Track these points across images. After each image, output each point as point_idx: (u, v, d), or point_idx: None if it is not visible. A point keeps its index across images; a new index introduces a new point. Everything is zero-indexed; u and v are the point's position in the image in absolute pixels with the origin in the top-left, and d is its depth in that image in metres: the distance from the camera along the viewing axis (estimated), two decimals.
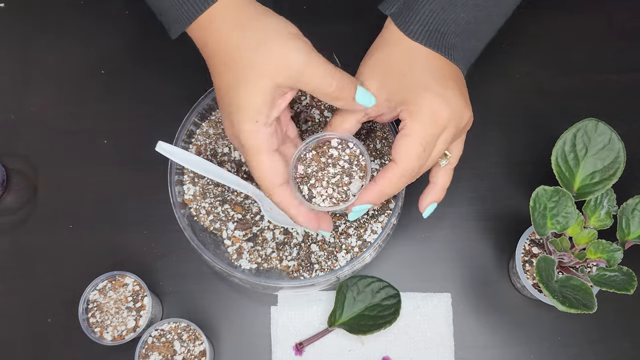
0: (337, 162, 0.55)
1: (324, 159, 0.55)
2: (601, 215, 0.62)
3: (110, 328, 0.64)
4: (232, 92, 0.51)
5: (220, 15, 0.52)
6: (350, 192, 0.54)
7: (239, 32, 0.51)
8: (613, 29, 0.78)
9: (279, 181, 0.52)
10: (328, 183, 0.54)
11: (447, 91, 0.53)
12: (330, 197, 0.54)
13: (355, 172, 0.55)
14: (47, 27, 0.78)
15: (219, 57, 0.52)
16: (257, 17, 0.52)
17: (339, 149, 0.55)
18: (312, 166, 0.54)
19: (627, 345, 0.68)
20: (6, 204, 0.72)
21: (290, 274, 0.64)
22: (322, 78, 0.51)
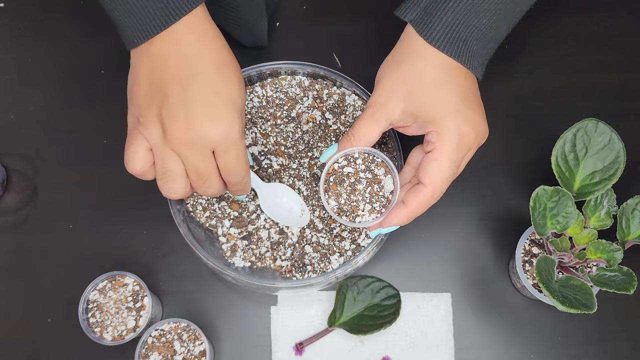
0: (358, 177, 0.57)
1: (346, 182, 0.57)
2: (601, 215, 0.62)
3: (110, 328, 0.64)
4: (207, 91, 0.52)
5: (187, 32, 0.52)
6: (386, 193, 0.57)
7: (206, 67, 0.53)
8: (613, 28, 0.78)
9: None
10: (364, 200, 0.56)
11: (473, 113, 0.54)
12: (373, 210, 0.56)
13: (378, 174, 0.57)
14: (47, 27, 0.78)
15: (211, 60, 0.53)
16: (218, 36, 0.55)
17: (350, 164, 0.57)
18: (342, 194, 0.56)
19: (627, 345, 0.68)
20: (6, 204, 0.72)
21: (283, 274, 0.64)
22: None
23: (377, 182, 0.57)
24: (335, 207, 0.57)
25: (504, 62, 0.77)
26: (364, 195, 0.56)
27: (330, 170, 0.57)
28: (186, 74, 0.52)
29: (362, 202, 0.56)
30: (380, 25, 0.79)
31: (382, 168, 0.57)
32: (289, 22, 0.78)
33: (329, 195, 0.57)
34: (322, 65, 0.67)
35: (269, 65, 0.67)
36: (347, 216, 0.57)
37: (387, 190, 0.57)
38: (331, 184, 0.57)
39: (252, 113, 0.68)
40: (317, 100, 0.68)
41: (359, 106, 0.68)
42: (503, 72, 0.77)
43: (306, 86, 0.69)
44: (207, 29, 0.53)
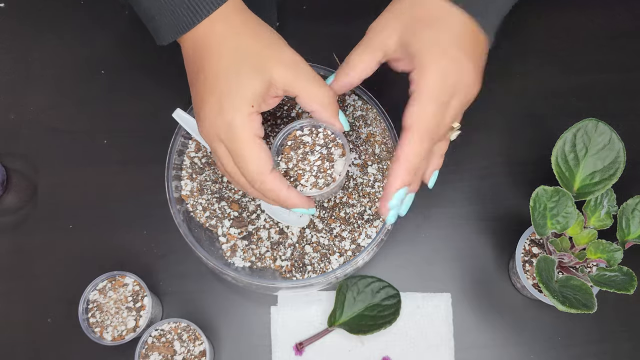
0: (314, 149, 0.56)
1: (301, 149, 0.56)
2: (601, 215, 0.62)
3: (110, 328, 0.64)
4: (230, 76, 0.51)
5: (228, 14, 0.53)
6: (335, 173, 0.56)
7: (247, 29, 0.53)
8: (613, 28, 0.78)
9: (269, 167, 0.52)
10: (311, 171, 0.56)
11: (465, 58, 0.51)
12: (315, 184, 0.56)
13: (334, 153, 0.56)
14: (47, 27, 0.78)
15: (221, 46, 0.52)
16: (259, 22, 0.54)
17: (311, 135, 0.57)
18: (293, 159, 0.56)
19: (627, 345, 0.68)
20: (6, 204, 0.72)
21: (283, 274, 0.64)
22: (317, 83, 0.53)
23: (330, 160, 0.56)
24: (283, 170, 0.56)
25: (504, 62, 0.77)
26: (312, 167, 0.56)
27: (291, 135, 0.57)
28: (205, 66, 0.52)
29: (308, 173, 0.56)
30: None
31: (339, 149, 0.57)
32: (289, 22, 0.78)
33: (280, 157, 0.57)
34: (322, 65, 0.67)
35: None
36: (290, 182, 0.56)
37: (337, 171, 0.56)
38: (286, 147, 0.57)
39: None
40: None
41: (359, 106, 0.68)
42: (503, 72, 0.77)
43: None
44: (242, 21, 0.53)
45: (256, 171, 0.51)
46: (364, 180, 0.66)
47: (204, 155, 0.67)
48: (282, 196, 0.53)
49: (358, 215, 0.65)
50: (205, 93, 0.52)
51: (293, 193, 0.54)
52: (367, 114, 0.68)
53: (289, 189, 0.53)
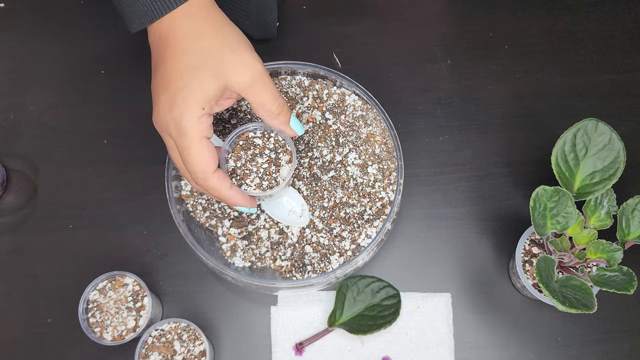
0: (263, 152, 0.58)
1: (251, 150, 0.58)
2: (601, 215, 0.62)
3: (110, 328, 0.64)
4: (186, 77, 0.52)
5: (194, 10, 0.53)
6: (280, 178, 0.58)
7: (212, 29, 0.54)
8: (613, 28, 0.78)
9: (213, 167, 0.54)
10: (257, 173, 0.58)
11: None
12: (259, 185, 0.57)
13: (281, 159, 0.58)
14: (46, 27, 0.78)
15: (183, 43, 0.53)
16: (225, 22, 0.55)
17: (263, 138, 0.59)
18: (242, 159, 0.58)
19: (627, 346, 0.68)
20: (6, 204, 0.72)
21: (283, 274, 0.64)
22: (271, 93, 0.54)
23: (276, 164, 0.58)
24: (231, 168, 0.58)
25: (504, 62, 0.77)
26: (259, 169, 0.58)
27: (244, 136, 0.59)
28: (166, 62, 0.54)
29: (254, 174, 0.58)
30: (380, 25, 0.79)
31: (287, 156, 0.59)
32: (289, 22, 0.78)
33: (230, 155, 0.58)
34: (322, 65, 0.67)
35: (269, 65, 0.67)
36: (236, 180, 0.58)
37: (281, 176, 0.58)
38: (237, 146, 0.59)
39: (252, 113, 0.68)
40: (317, 100, 0.68)
41: (359, 106, 0.68)
42: (503, 72, 0.77)
43: (306, 86, 0.69)
44: (208, 20, 0.54)
45: (200, 170, 0.53)
46: (364, 180, 0.66)
47: None
48: (224, 195, 0.55)
49: (358, 215, 0.65)
50: (162, 88, 0.53)
51: (235, 192, 0.56)
52: (367, 114, 0.68)
53: (232, 188, 0.55)
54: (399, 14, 0.80)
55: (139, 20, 0.54)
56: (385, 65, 0.77)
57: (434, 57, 0.77)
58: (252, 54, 0.54)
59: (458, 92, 0.76)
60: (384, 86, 0.76)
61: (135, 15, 0.54)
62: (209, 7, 0.55)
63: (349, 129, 0.67)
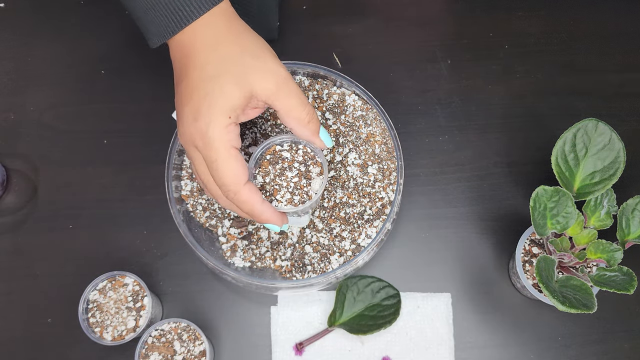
0: (292, 165, 0.56)
1: (279, 164, 0.56)
2: (601, 215, 0.62)
3: (110, 328, 0.64)
4: (209, 86, 0.50)
5: (214, 20, 0.52)
6: (312, 191, 0.56)
7: (232, 37, 0.52)
8: (613, 28, 0.78)
9: (244, 179, 0.51)
10: (287, 187, 0.55)
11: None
12: (291, 200, 0.55)
13: (312, 171, 0.56)
14: (47, 27, 0.78)
15: (203, 53, 0.52)
16: (245, 29, 0.54)
17: (291, 151, 0.56)
18: (270, 174, 0.56)
19: (627, 346, 0.68)
20: (6, 204, 0.72)
21: (283, 274, 0.64)
22: (300, 100, 0.52)
23: (307, 177, 0.56)
24: (259, 184, 0.56)
25: (504, 62, 0.77)
26: (289, 183, 0.56)
27: (270, 150, 0.57)
28: (188, 73, 0.52)
29: (285, 189, 0.56)
30: (380, 25, 0.79)
31: (317, 168, 0.57)
32: (289, 22, 0.78)
33: (258, 171, 0.56)
34: (322, 65, 0.67)
35: None
36: (266, 196, 0.56)
37: (313, 189, 0.56)
38: (264, 161, 0.56)
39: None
40: (317, 100, 0.68)
41: (359, 106, 0.68)
42: (503, 72, 0.77)
43: (306, 86, 0.69)
44: (228, 28, 0.53)
45: (231, 182, 0.51)
46: (364, 180, 0.66)
47: None
48: (257, 209, 0.52)
49: (358, 215, 0.65)
50: (186, 99, 0.52)
51: (266, 207, 0.53)
52: (367, 114, 0.68)
53: (263, 203, 0.53)
54: (399, 14, 0.80)
55: (161, 34, 0.53)
56: (385, 65, 0.77)
57: (434, 57, 0.77)
58: (275, 60, 0.52)
59: (458, 92, 0.76)
60: (384, 86, 0.76)
61: (156, 29, 0.53)
62: (230, 16, 0.53)
63: (349, 129, 0.67)
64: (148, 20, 0.53)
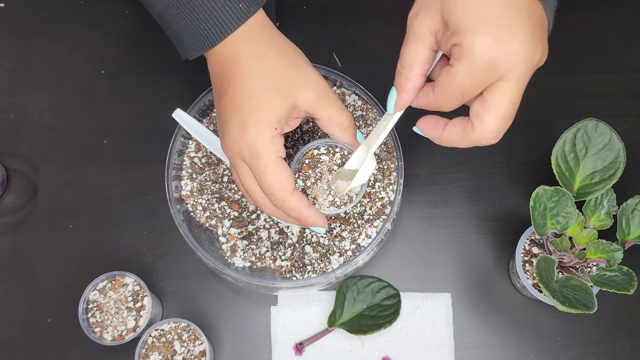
0: (331, 168, 0.57)
1: (319, 168, 0.58)
2: (601, 215, 0.62)
3: (110, 328, 0.64)
4: (254, 100, 0.52)
5: (252, 32, 0.53)
6: (352, 193, 0.57)
7: (276, 48, 0.53)
8: (613, 28, 0.78)
9: (292, 187, 0.53)
10: (329, 190, 0.57)
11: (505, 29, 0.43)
12: (333, 202, 0.57)
13: None
14: (47, 27, 0.78)
15: (247, 65, 0.52)
16: (283, 40, 0.55)
17: (329, 154, 0.58)
18: (311, 177, 0.57)
19: (627, 345, 0.68)
20: (6, 204, 0.72)
21: (283, 274, 0.64)
22: (338, 107, 0.54)
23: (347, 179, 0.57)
24: (300, 188, 0.58)
25: None
26: (330, 187, 0.57)
27: (309, 154, 0.59)
28: (232, 86, 0.53)
29: (326, 192, 0.57)
30: (380, 25, 0.79)
31: None
32: (289, 22, 0.78)
33: (298, 175, 0.58)
34: (322, 65, 0.67)
35: None
36: (309, 199, 0.57)
37: (354, 191, 0.57)
38: (304, 166, 0.58)
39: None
40: None
41: (359, 106, 0.68)
42: None
43: None
44: (271, 39, 0.54)
45: (279, 191, 0.52)
46: None
47: (204, 155, 0.67)
48: (304, 215, 0.54)
49: (358, 215, 0.65)
50: (230, 112, 0.53)
51: (313, 211, 0.54)
52: (367, 114, 0.68)
53: (310, 208, 0.54)
54: (399, 13, 0.79)
55: (199, 46, 0.53)
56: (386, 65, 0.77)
57: None
58: (314, 71, 0.54)
59: None
60: (384, 86, 0.76)
61: (194, 41, 0.53)
62: (268, 27, 0.54)
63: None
64: (185, 32, 0.54)
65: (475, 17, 0.43)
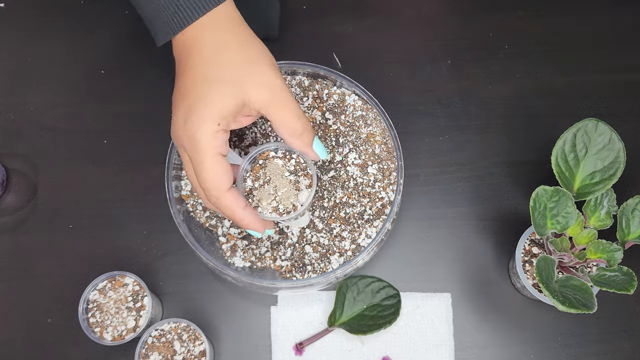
0: (282, 173, 0.56)
1: (269, 171, 0.56)
2: (601, 215, 0.62)
3: (110, 328, 0.64)
4: (202, 90, 0.51)
5: (215, 21, 0.52)
6: (298, 203, 0.56)
7: (235, 42, 0.52)
8: (613, 29, 0.78)
9: (227, 185, 0.52)
10: (275, 195, 0.56)
11: None
12: (276, 209, 0.56)
13: (301, 182, 0.56)
14: (47, 27, 0.78)
15: (205, 53, 0.52)
16: (248, 33, 0.53)
17: (284, 159, 0.56)
18: (260, 179, 0.56)
19: (627, 345, 0.68)
20: (6, 204, 0.72)
21: (283, 274, 0.64)
22: (293, 111, 0.52)
23: (296, 188, 0.56)
24: (248, 187, 0.56)
25: (504, 62, 0.77)
26: (277, 191, 0.56)
27: (264, 154, 0.57)
28: (185, 72, 0.52)
29: (271, 197, 0.56)
30: (380, 25, 0.79)
31: (308, 180, 0.57)
32: (289, 22, 0.78)
33: (249, 174, 0.57)
34: (322, 65, 0.67)
35: None
36: (252, 200, 0.56)
37: (299, 200, 0.56)
38: (256, 166, 0.57)
39: None
40: (317, 100, 0.68)
41: (359, 106, 0.68)
42: (503, 72, 0.77)
43: (306, 86, 0.69)
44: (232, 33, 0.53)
45: (213, 187, 0.51)
46: (364, 180, 0.66)
47: None
48: (237, 215, 0.53)
49: (358, 215, 0.65)
50: (179, 98, 0.52)
51: (248, 213, 0.53)
52: (367, 114, 0.68)
53: (245, 209, 0.53)
54: (399, 13, 0.80)
55: (164, 31, 0.53)
56: (386, 66, 0.77)
57: (434, 57, 0.77)
58: (273, 70, 0.52)
59: (458, 92, 0.76)
60: (384, 86, 0.76)
61: (161, 27, 0.53)
62: (236, 20, 0.53)
63: (349, 129, 0.67)
64: (154, 17, 0.53)
65: None
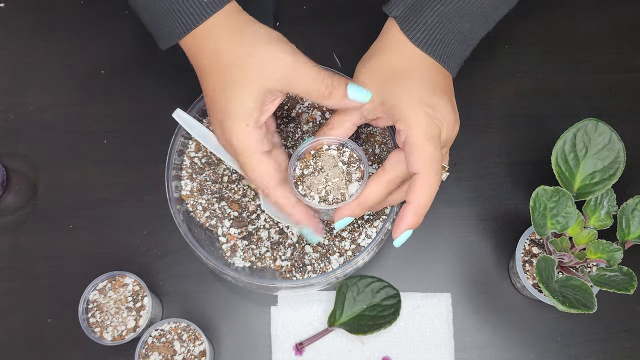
0: (336, 164, 0.56)
1: (322, 161, 0.56)
2: (601, 215, 0.62)
3: (110, 328, 0.64)
4: (222, 98, 0.52)
5: (214, 26, 0.53)
6: (347, 194, 0.55)
7: (229, 41, 0.53)
8: (613, 28, 0.78)
9: (274, 182, 0.53)
10: (325, 184, 0.55)
11: (439, 101, 0.53)
12: (325, 198, 0.55)
13: (353, 175, 0.56)
14: (47, 28, 0.78)
15: (211, 65, 0.53)
16: (245, 25, 0.53)
17: (339, 151, 0.56)
18: (310, 167, 0.56)
19: (627, 345, 0.68)
20: (6, 204, 0.72)
21: (283, 274, 0.64)
22: (312, 77, 0.52)
23: (347, 179, 0.56)
24: (298, 174, 0.56)
25: (504, 62, 0.77)
26: (328, 181, 0.55)
27: (317, 145, 0.57)
28: (201, 80, 0.54)
29: (322, 186, 0.55)
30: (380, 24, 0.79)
31: (359, 174, 0.56)
32: (289, 21, 0.78)
33: (298, 163, 0.56)
34: (322, 65, 0.67)
35: None
36: (302, 188, 0.55)
37: (349, 192, 0.55)
38: (307, 154, 0.56)
39: None
40: None
41: None
42: (503, 72, 0.77)
43: None
44: (228, 31, 0.53)
45: (260, 185, 0.53)
46: None
47: (204, 155, 0.67)
48: (288, 210, 0.54)
49: None
50: (208, 107, 0.55)
51: (299, 209, 0.55)
52: None
53: (295, 205, 0.54)
54: None
55: (168, 37, 0.54)
56: None
57: None
58: (279, 47, 0.52)
59: (458, 92, 0.76)
60: None
61: (164, 33, 0.54)
62: (232, 16, 0.54)
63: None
64: (159, 23, 0.54)
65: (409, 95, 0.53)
